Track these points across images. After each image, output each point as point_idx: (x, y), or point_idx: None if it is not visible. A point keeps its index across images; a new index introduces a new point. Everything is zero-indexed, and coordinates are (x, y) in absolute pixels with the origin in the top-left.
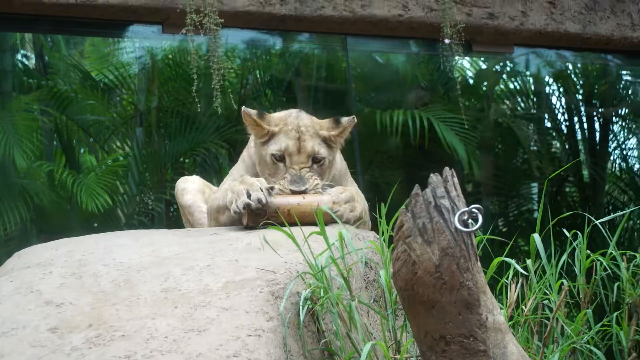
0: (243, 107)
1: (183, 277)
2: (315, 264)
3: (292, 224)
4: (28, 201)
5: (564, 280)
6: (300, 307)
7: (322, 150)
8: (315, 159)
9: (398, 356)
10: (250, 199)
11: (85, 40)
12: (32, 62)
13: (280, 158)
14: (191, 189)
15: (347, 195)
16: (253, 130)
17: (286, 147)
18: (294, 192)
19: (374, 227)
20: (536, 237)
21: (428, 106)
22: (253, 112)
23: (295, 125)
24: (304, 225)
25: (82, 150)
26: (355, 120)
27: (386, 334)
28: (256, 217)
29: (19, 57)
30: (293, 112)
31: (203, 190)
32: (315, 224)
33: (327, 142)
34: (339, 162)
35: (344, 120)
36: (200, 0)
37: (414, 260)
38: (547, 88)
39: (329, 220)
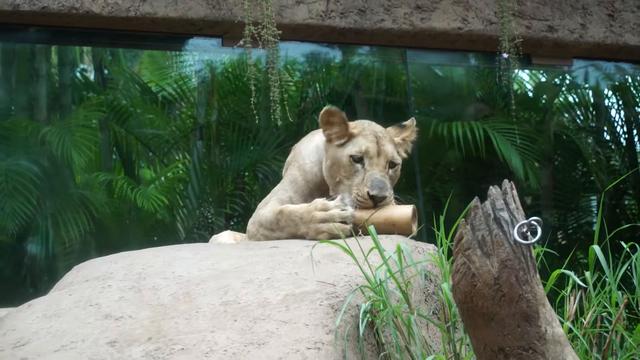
0: (329, 106)
1: (242, 290)
2: (374, 277)
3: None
4: (88, 213)
5: (623, 293)
6: (360, 320)
7: (397, 156)
8: (392, 164)
9: None
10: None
11: (143, 52)
12: (91, 76)
13: (358, 159)
14: (224, 241)
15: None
16: (336, 129)
17: (367, 149)
18: (373, 198)
19: (434, 240)
20: (596, 248)
21: (488, 119)
22: (330, 110)
23: (372, 131)
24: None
25: (141, 165)
26: (415, 122)
27: (446, 346)
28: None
29: (78, 70)
30: (366, 121)
31: (235, 238)
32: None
33: (398, 150)
34: None
35: (406, 122)
36: (258, 13)
37: (473, 273)
38: (606, 100)
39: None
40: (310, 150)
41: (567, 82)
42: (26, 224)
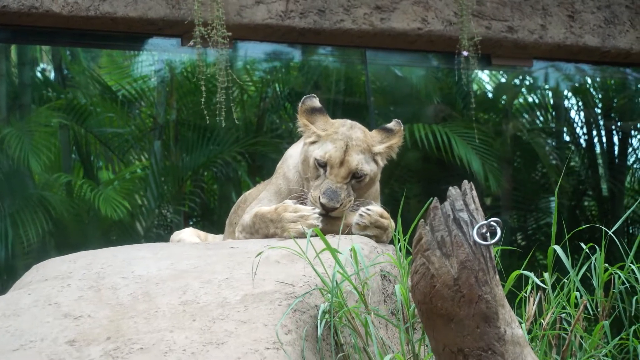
0: (305, 96)
1: (201, 290)
2: (332, 279)
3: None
4: (47, 213)
5: (582, 294)
6: (319, 321)
7: (366, 167)
8: (356, 175)
9: None
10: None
11: (102, 52)
12: (51, 75)
13: (322, 164)
14: (186, 238)
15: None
16: (303, 127)
17: (329, 157)
18: (324, 206)
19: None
20: (557, 248)
21: (447, 120)
22: (308, 104)
23: (345, 136)
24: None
25: (100, 164)
26: (402, 125)
27: (404, 347)
28: None
29: (38, 70)
30: (348, 123)
31: (199, 235)
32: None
33: (375, 158)
34: (377, 182)
35: (392, 125)
36: (210, 13)
37: (432, 274)
38: (566, 102)
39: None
40: (296, 157)
41: (527, 83)
42: None
